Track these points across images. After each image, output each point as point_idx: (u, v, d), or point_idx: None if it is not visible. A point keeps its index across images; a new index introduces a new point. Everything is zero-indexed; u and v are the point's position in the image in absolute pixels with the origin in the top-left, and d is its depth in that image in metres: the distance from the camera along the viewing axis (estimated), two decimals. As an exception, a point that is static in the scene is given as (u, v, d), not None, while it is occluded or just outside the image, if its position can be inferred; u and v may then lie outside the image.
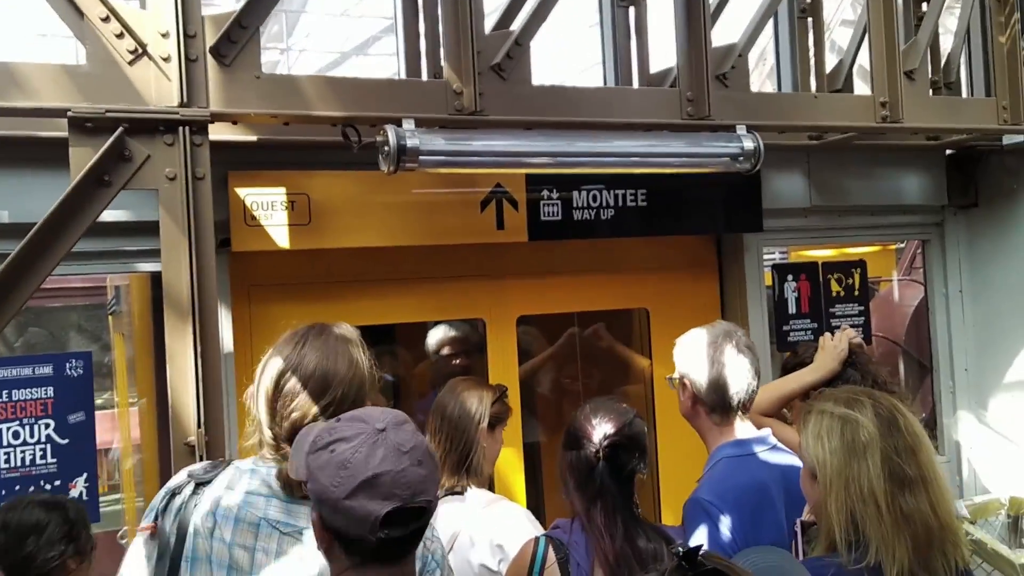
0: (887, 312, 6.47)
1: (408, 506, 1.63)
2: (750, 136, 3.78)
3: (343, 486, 1.61)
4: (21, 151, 3.22)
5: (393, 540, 1.65)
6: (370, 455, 1.63)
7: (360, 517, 1.61)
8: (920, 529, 2.01)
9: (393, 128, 3.17)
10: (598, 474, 2.51)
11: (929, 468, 2.08)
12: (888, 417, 2.10)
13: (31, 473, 3.36)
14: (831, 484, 2.08)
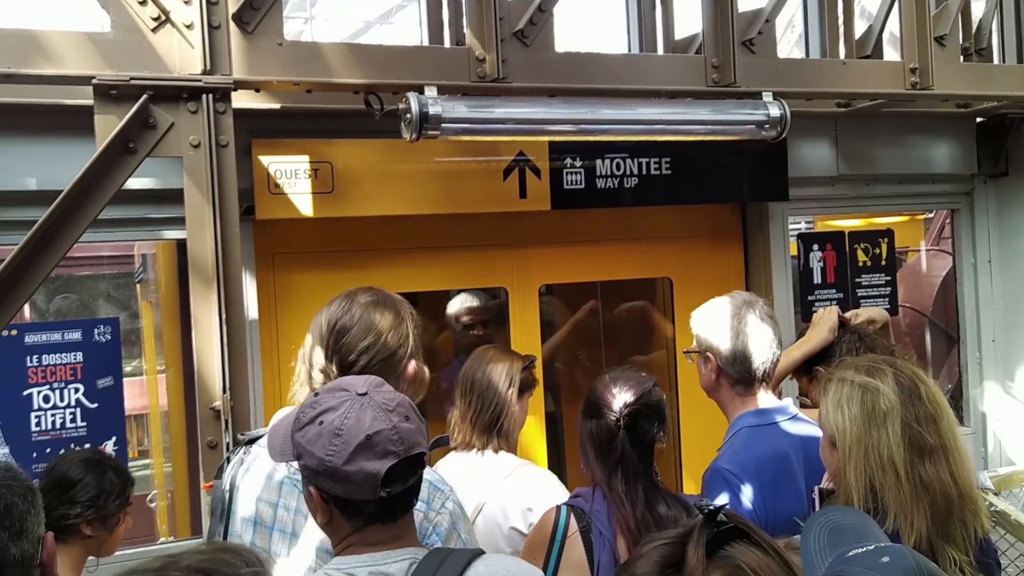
0: (914, 282, 6.40)
1: (407, 456, 1.69)
2: (776, 103, 3.74)
3: (340, 453, 1.66)
4: (47, 119, 3.25)
5: (394, 497, 1.70)
6: (360, 418, 1.68)
7: (362, 479, 1.65)
8: (939, 497, 2.01)
9: (415, 96, 3.17)
10: (619, 442, 2.50)
11: (950, 437, 2.07)
12: (909, 385, 2.09)
13: (61, 436, 3.42)
14: (850, 452, 2.07)
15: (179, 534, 4.29)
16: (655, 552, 1.29)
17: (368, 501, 1.68)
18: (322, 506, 1.73)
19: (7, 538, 1.54)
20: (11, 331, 3.35)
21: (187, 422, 4.30)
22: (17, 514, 1.56)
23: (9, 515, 1.55)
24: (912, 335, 6.00)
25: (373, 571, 1.69)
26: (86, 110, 2.93)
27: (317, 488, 1.71)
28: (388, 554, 1.72)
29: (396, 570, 1.69)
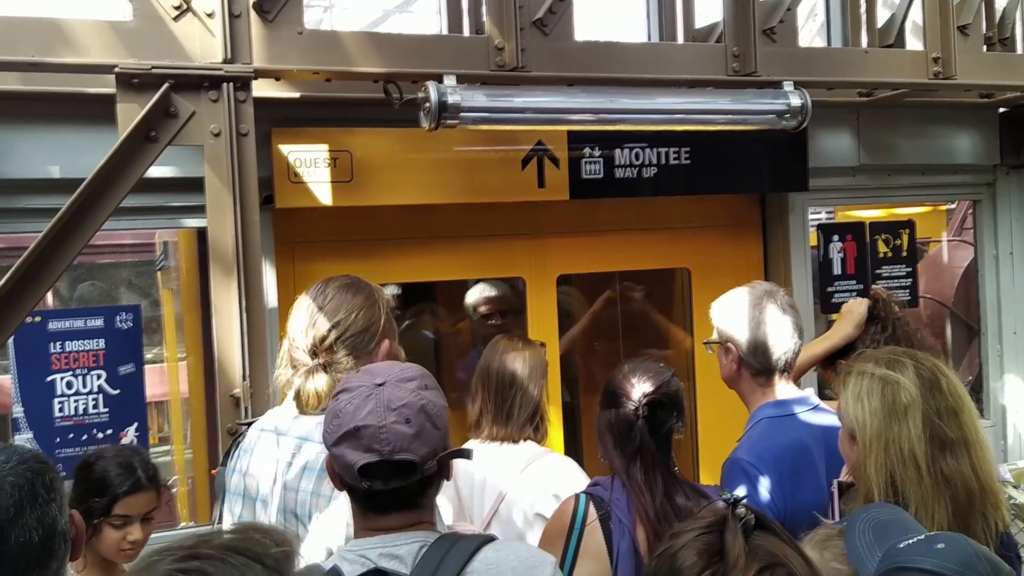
0: (936, 273, 6.35)
1: (386, 460, 1.68)
2: (797, 92, 3.71)
3: (333, 434, 1.72)
4: (70, 107, 3.28)
5: (380, 492, 1.71)
6: (359, 408, 1.70)
7: (345, 465, 1.70)
8: (960, 491, 1.99)
9: (434, 84, 3.17)
10: (637, 432, 2.51)
11: (971, 430, 2.05)
12: (930, 378, 2.07)
13: (84, 422, 3.46)
14: (870, 445, 2.06)
15: (199, 519, 4.34)
16: (696, 543, 1.32)
17: (355, 488, 1.73)
18: (333, 476, 1.80)
19: (56, 511, 1.58)
20: (35, 318, 3.38)
21: (207, 409, 4.34)
22: (58, 488, 1.60)
23: (53, 489, 1.59)
24: (933, 326, 5.95)
25: (384, 552, 1.71)
26: (108, 99, 2.95)
27: (329, 457, 1.78)
28: (399, 536, 1.74)
29: (406, 552, 1.71)
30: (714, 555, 1.30)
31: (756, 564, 1.28)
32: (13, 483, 1.55)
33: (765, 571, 1.27)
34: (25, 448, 1.66)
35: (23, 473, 1.57)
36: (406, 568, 1.68)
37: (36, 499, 1.56)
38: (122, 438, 3.50)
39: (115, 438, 3.51)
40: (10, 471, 1.57)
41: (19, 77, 3.14)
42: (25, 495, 1.55)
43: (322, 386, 2.39)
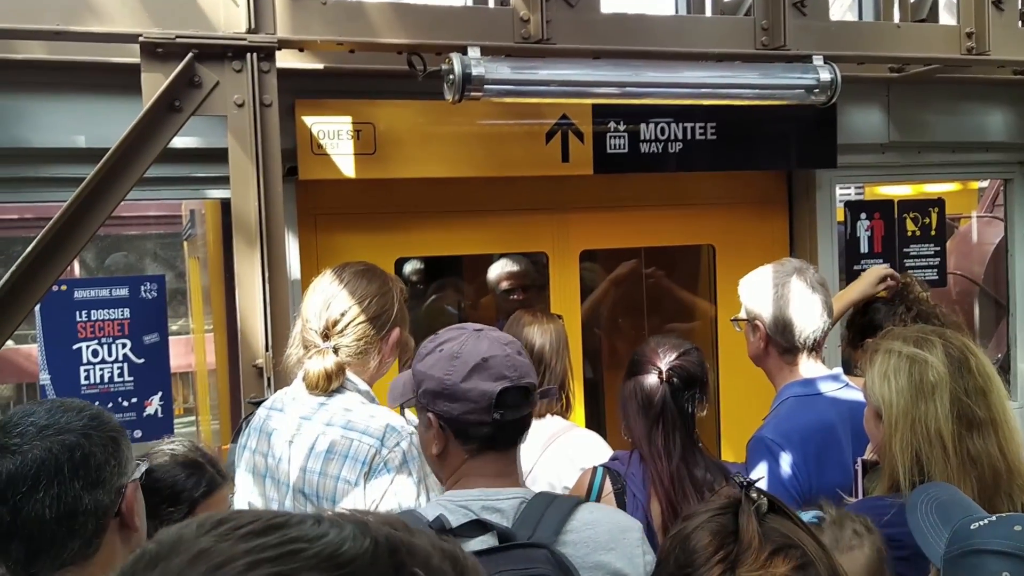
0: (966, 250, 6.26)
1: (517, 385, 1.80)
2: (827, 67, 3.65)
3: (457, 372, 1.78)
4: (95, 76, 3.29)
5: (507, 424, 1.81)
6: (477, 344, 1.81)
7: (477, 397, 1.77)
8: (987, 471, 1.97)
9: (458, 56, 3.15)
10: (661, 395, 2.53)
11: (999, 410, 2.02)
12: (958, 357, 2.04)
13: (109, 390, 3.50)
14: (897, 424, 2.04)
15: (223, 488, 4.38)
16: (709, 524, 1.33)
17: (482, 423, 1.79)
18: (438, 433, 1.83)
19: (80, 487, 1.55)
20: (61, 286, 3.42)
21: (231, 380, 4.38)
22: (94, 465, 1.57)
23: (86, 465, 1.56)
24: (962, 303, 5.88)
25: (486, 505, 1.76)
26: (133, 68, 2.96)
27: (435, 414, 1.81)
28: (499, 491, 1.79)
29: (507, 507, 1.77)
30: (727, 536, 1.30)
31: (769, 546, 1.28)
32: (35, 457, 1.54)
33: (778, 553, 1.28)
34: (79, 416, 1.60)
35: (51, 447, 1.55)
36: (507, 522, 1.73)
37: (57, 475, 1.54)
38: (147, 406, 3.54)
39: (140, 407, 3.55)
40: (41, 443, 1.55)
41: (44, 46, 3.16)
42: (45, 471, 1.53)
43: (331, 367, 2.44)
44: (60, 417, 1.59)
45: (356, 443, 2.37)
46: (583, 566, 1.69)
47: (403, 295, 2.58)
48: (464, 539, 1.66)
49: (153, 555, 0.68)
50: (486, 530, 1.69)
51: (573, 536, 1.74)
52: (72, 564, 1.55)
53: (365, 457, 2.35)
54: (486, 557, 1.63)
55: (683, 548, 1.33)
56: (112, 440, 1.62)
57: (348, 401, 2.48)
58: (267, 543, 0.67)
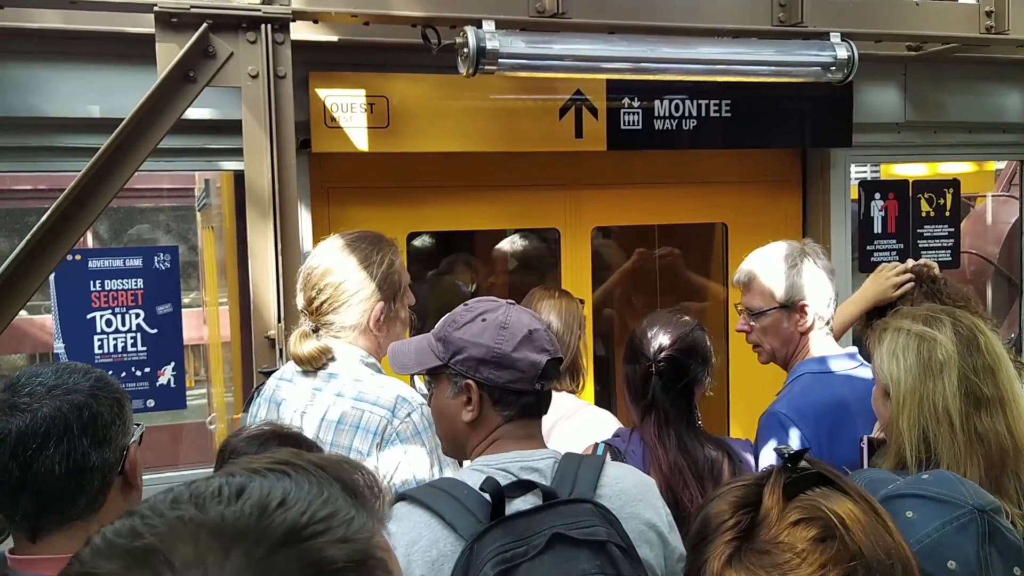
0: (981, 230, 6.23)
1: (555, 357, 1.88)
2: (844, 44, 3.62)
3: (508, 342, 1.83)
4: (110, 46, 3.29)
5: (544, 394, 1.89)
6: (520, 317, 1.88)
7: (527, 367, 1.83)
8: (994, 449, 1.97)
9: (473, 29, 3.13)
10: (651, 388, 2.53)
11: (1008, 388, 2.02)
12: (968, 336, 2.04)
13: (123, 359, 3.53)
14: (904, 401, 2.04)
15: (235, 459, 4.42)
16: (731, 493, 1.27)
17: (525, 392, 1.85)
18: (476, 399, 1.86)
19: (88, 445, 1.60)
20: (75, 256, 3.44)
21: (244, 352, 4.40)
22: (101, 424, 1.62)
23: (93, 424, 1.61)
24: (976, 283, 5.85)
25: (524, 466, 1.81)
26: (148, 38, 2.96)
27: (476, 381, 1.85)
28: (534, 452, 1.85)
29: (544, 466, 1.82)
30: (747, 506, 1.24)
31: (792, 515, 1.19)
32: (45, 415, 1.58)
33: (802, 524, 1.19)
34: (84, 377, 1.66)
35: (60, 406, 1.59)
36: (546, 480, 1.79)
37: (67, 432, 1.58)
38: (159, 376, 3.57)
39: (153, 377, 3.58)
40: (51, 402, 1.60)
41: (60, 15, 3.16)
42: (54, 427, 1.57)
43: (305, 350, 2.47)
44: (68, 378, 1.64)
45: (367, 414, 2.39)
46: (619, 516, 1.76)
47: (390, 267, 2.52)
48: (510, 499, 1.71)
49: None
50: (528, 489, 1.73)
51: (607, 490, 1.81)
52: (78, 519, 1.61)
53: (376, 428, 2.37)
54: (536, 515, 1.69)
55: (704, 516, 1.29)
56: (117, 401, 1.68)
57: (356, 371, 2.49)
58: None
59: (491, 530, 1.65)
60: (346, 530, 0.72)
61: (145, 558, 0.67)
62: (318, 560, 0.69)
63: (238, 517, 0.70)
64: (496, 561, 1.60)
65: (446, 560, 1.66)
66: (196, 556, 0.67)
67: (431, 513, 1.72)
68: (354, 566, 0.71)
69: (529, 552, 1.62)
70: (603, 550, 1.67)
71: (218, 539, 0.68)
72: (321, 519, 0.72)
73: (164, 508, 0.72)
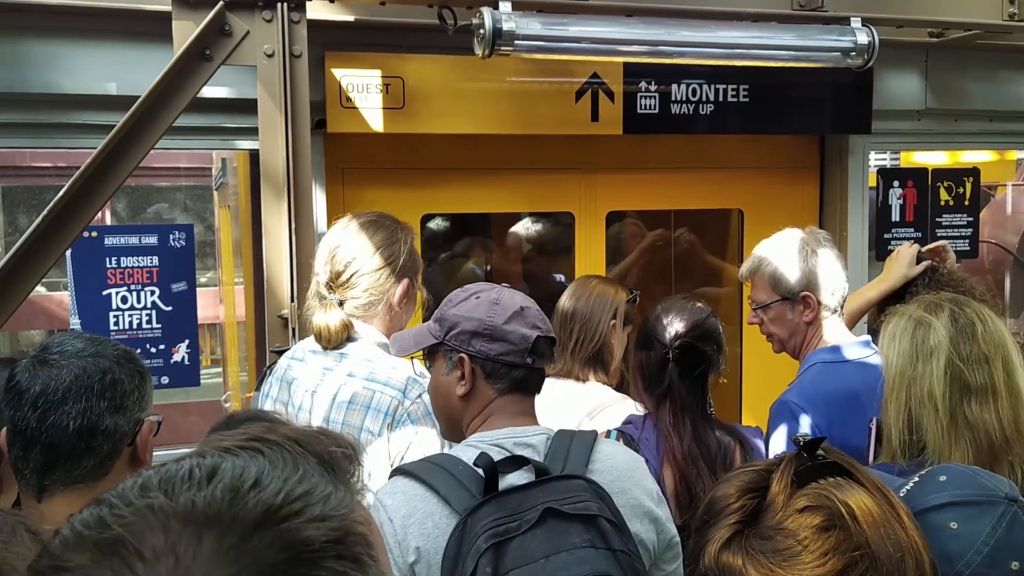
0: (1000, 219, 6.18)
1: (546, 335, 1.93)
2: (864, 30, 3.58)
3: (500, 315, 1.89)
4: (128, 23, 3.29)
5: (535, 370, 1.93)
6: (512, 296, 1.94)
7: (517, 339, 1.88)
8: (982, 438, 1.96)
9: (489, 11, 3.12)
10: (667, 375, 2.52)
11: (1001, 379, 2.00)
12: (965, 324, 2.03)
13: (138, 336, 3.55)
14: (894, 384, 2.06)
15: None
16: (739, 477, 1.26)
17: (516, 365, 1.90)
18: (469, 373, 1.91)
19: (105, 408, 1.65)
20: (91, 233, 3.46)
21: (258, 331, 4.42)
22: (121, 391, 1.68)
23: (113, 388, 1.67)
24: (995, 272, 5.81)
25: (518, 442, 1.85)
26: (166, 16, 2.96)
27: (468, 354, 1.90)
28: (527, 429, 1.90)
29: (537, 442, 1.86)
30: (749, 491, 1.22)
31: (801, 502, 1.17)
32: (70, 371, 1.65)
33: (808, 511, 1.17)
34: (113, 348, 1.73)
35: (86, 366, 1.66)
36: (539, 456, 1.83)
37: (87, 391, 1.64)
38: (174, 353, 3.60)
39: (167, 354, 3.60)
40: (78, 361, 1.67)
41: (78, -8, 3.17)
42: (77, 385, 1.64)
43: (334, 321, 2.47)
44: (98, 346, 1.71)
45: (378, 394, 2.40)
46: (610, 491, 1.79)
47: (411, 246, 2.60)
48: (503, 475, 1.74)
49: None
50: (521, 465, 1.76)
51: (599, 466, 1.85)
52: (82, 483, 1.65)
53: (388, 408, 2.38)
54: (528, 490, 1.73)
55: (711, 499, 1.28)
56: (140, 375, 1.73)
57: (368, 352, 2.50)
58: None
59: (484, 505, 1.69)
60: (323, 507, 0.71)
61: (114, 549, 0.66)
62: (295, 542, 0.67)
63: (209, 502, 0.68)
64: (489, 535, 1.64)
65: (441, 532, 1.71)
66: (167, 545, 0.65)
67: (426, 487, 1.76)
68: (332, 544, 0.69)
69: (522, 526, 1.67)
70: (594, 524, 1.71)
71: (190, 526, 0.66)
72: (297, 497, 0.70)
73: (133, 496, 0.70)
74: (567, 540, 1.68)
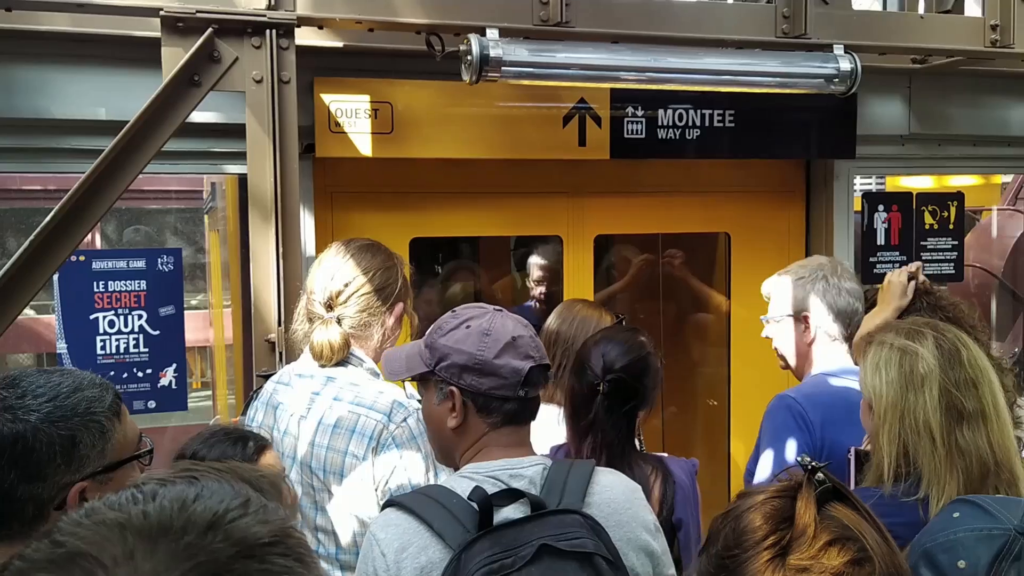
0: (986, 243, 6.22)
1: (540, 364, 1.88)
2: (847, 57, 3.63)
3: (491, 348, 1.83)
4: (118, 49, 3.31)
5: (529, 400, 1.89)
6: (504, 324, 1.88)
7: (509, 374, 1.83)
8: (974, 464, 1.97)
9: (477, 37, 3.15)
10: (595, 407, 2.39)
11: (989, 403, 2.02)
12: (950, 349, 2.04)
13: (125, 360, 3.55)
14: (885, 415, 2.04)
15: (235, 461, 4.43)
16: (764, 506, 1.27)
17: (508, 398, 1.85)
18: (460, 407, 1.87)
19: (16, 477, 1.52)
20: (79, 257, 3.46)
21: (246, 355, 4.42)
22: (36, 459, 1.53)
23: (26, 457, 1.52)
24: (980, 296, 5.85)
25: (513, 474, 1.82)
26: (155, 42, 2.98)
27: (459, 388, 1.86)
28: (522, 460, 1.86)
29: (532, 473, 1.83)
30: (782, 521, 1.24)
31: (825, 535, 1.21)
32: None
33: (834, 544, 1.20)
34: (48, 401, 1.58)
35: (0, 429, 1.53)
36: (534, 488, 1.79)
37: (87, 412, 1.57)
38: (161, 378, 3.59)
39: (155, 378, 3.60)
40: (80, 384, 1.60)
41: (69, 18, 3.18)
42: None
43: (335, 338, 2.48)
44: (28, 401, 1.56)
45: (363, 418, 2.41)
46: (607, 526, 1.76)
47: (406, 272, 2.64)
48: (498, 508, 1.71)
49: None
50: (517, 498, 1.74)
51: (596, 499, 1.82)
52: (17, 538, 1.52)
53: (372, 432, 2.38)
54: (524, 525, 1.70)
55: (734, 528, 1.27)
56: (68, 438, 1.56)
57: (356, 376, 2.51)
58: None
59: (478, 540, 1.66)
60: (264, 513, 0.75)
61: (72, 561, 0.68)
62: (245, 537, 0.71)
63: (160, 511, 0.72)
64: (483, 572, 1.62)
65: (435, 567, 1.68)
66: (124, 552, 0.68)
67: (420, 521, 1.73)
68: (278, 541, 0.73)
69: (516, 563, 1.64)
70: (589, 562, 1.68)
71: (144, 534, 0.69)
72: (238, 506, 0.74)
73: (81, 519, 0.72)
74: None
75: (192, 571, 0.67)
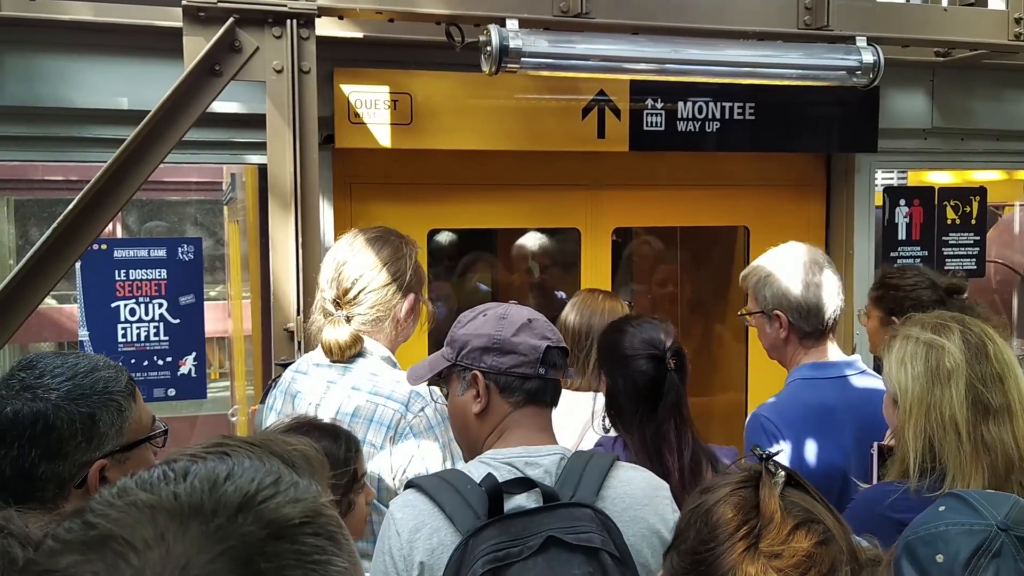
0: (1008, 239, 6.15)
1: (557, 345, 1.93)
2: (870, 49, 3.60)
3: (508, 328, 1.90)
4: (140, 39, 3.33)
5: (550, 381, 1.93)
6: (519, 309, 1.96)
7: (527, 351, 1.89)
8: (1000, 459, 1.96)
9: (496, 28, 3.15)
10: (672, 384, 2.31)
11: (1015, 398, 2.00)
12: (976, 343, 2.03)
13: (145, 349, 3.57)
14: (911, 410, 2.03)
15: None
16: (731, 498, 1.32)
17: (528, 377, 1.90)
18: (483, 390, 1.91)
19: (38, 455, 1.55)
20: (101, 245, 3.49)
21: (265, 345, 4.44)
22: (57, 437, 1.56)
23: (48, 435, 1.55)
24: (1002, 292, 5.79)
25: (529, 461, 1.83)
26: (177, 32, 3.00)
27: (480, 370, 1.90)
28: (540, 449, 1.87)
29: (549, 463, 1.84)
30: (750, 510, 1.30)
31: (792, 520, 1.28)
32: (7, 415, 1.57)
33: (801, 527, 1.28)
34: (67, 380, 1.62)
35: (20, 409, 1.57)
36: (550, 477, 1.80)
37: (18, 438, 1.56)
38: (180, 366, 3.62)
39: (174, 366, 3.62)
40: (15, 401, 1.58)
41: (90, 8, 3.21)
42: (11, 430, 1.56)
43: (343, 337, 2.48)
44: (48, 380, 1.59)
45: (381, 408, 2.42)
46: (621, 521, 1.76)
47: (416, 261, 2.62)
48: (510, 495, 1.73)
49: None
50: (528, 487, 1.75)
51: (611, 493, 1.81)
52: (40, 511, 1.52)
53: (390, 421, 2.39)
54: (534, 515, 1.71)
55: (705, 523, 1.32)
56: (87, 416, 1.59)
57: (373, 366, 2.52)
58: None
59: (487, 528, 1.68)
60: (295, 492, 0.75)
61: (104, 543, 0.68)
62: (275, 519, 0.72)
63: (190, 493, 0.72)
64: (488, 559, 1.64)
65: (445, 550, 1.71)
66: (155, 535, 0.68)
67: (434, 504, 1.76)
68: (310, 521, 0.73)
69: (523, 552, 1.65)
70: (595, 557, 1.69)
71: (175, 516, 0.70)
72: (269, 484, 0.74)
73: (112, 499, 0.73)
74: (567, 571, 1.66)
75: (224, 554, 0.68)
